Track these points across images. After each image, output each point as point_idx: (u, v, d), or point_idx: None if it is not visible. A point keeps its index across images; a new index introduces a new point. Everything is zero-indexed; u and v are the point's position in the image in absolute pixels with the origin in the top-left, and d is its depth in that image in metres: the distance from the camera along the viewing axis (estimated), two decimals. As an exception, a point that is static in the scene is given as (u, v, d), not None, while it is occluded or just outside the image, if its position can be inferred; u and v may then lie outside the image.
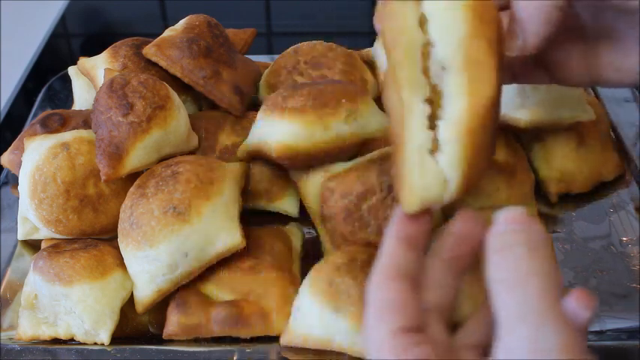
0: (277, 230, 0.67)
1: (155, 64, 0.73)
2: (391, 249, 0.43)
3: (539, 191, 0.71)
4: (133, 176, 0.64)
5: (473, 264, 0.44)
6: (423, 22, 0.45)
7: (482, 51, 0.44)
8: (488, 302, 0.39)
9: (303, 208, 0.68)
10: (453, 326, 0.45)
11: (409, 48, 0.44)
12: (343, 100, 0.62)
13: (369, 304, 0.41)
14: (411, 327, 0.39)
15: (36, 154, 0.64)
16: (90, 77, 0.77)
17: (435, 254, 0.44)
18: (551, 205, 0.72)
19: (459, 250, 0.44)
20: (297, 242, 0.67)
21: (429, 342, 0.39)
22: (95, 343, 0.59)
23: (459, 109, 0.43)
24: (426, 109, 0.44)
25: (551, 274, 0.37)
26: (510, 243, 0.38)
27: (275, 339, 0.58)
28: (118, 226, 0.62)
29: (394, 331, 0.39)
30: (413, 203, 0.44)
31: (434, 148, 0.44)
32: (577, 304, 0.38)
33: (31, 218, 0.65)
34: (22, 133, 0.74)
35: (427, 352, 0.38)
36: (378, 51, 0.77)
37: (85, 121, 0.72)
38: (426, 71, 0.44)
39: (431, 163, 0.44)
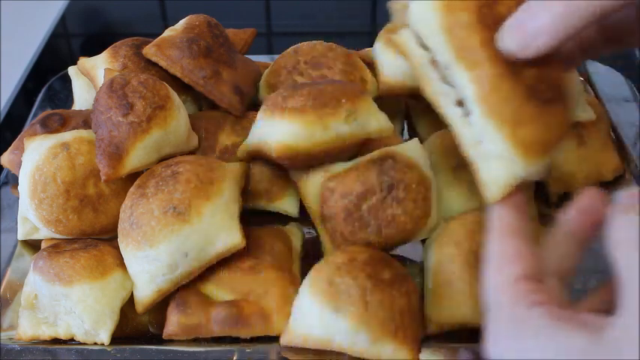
0: (277, 230, 0.67)
1: (155, 64, 0.73)
2: (502, 212, 0.46)
3: (539, 191, 0.71)
4: (133, 176, 0.64)
5: (593, 239, 0.46)
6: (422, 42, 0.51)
7: (460, 37, 0.48)
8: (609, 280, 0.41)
9: (303, 208, 0.68)
10: None
11: (421, 66, 0.52)
12: (343, 100, 0.62)
13: (488, 258, 0.43)
14: (531, 276, 0.41)
15: (36, 154, 0.64)
16: (90, 77, 0.77)
17: (558, 226, 0.45)
18: (551, 205, 0.72)
19: (583, 222, 0.45)
20: (297, 242, 0.67)
21: (549, 292, 0.40)
22: (95, 343, 0.59)
23: (468, 89, 0.48)
24: (459, 111, 0.50)
25: None
26: (631, 208, 0.39)
27: (275, 339, 0.58)
28: (118, 226, 0.62)
29: (514, 278, 0.41)
30: (496, 194, 0.49)
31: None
32: None
33: (31, 218, 0.66)
34: (22, 133, 0.74)
35: (547, 299, 0.39)
36: (378, 51, 0.77)
37: (85, 121, 0.72)
38: (444, 79, 0.50)
39: (483, 150, 0.49)
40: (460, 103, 0.50)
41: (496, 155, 0.48)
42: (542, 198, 0.71)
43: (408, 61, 0.53)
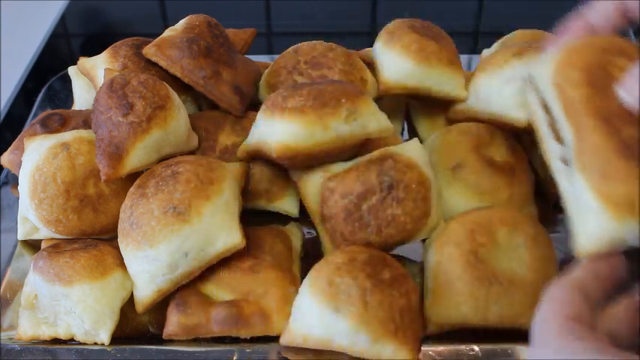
0: (277, 230, 0.67)
1: (155, 64, 0.73)
2: (584, 269, 0.47)
3: (539, 191, 0.71)
4: (133, 176, 0.64)
5: None
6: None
7: (568, 93, 0.52)
8: None
9: (303, 208, 0.68)
10: None
11: (540, 126, 0.56)
12: (343, 100, 0.62)
13: (547, 298, 0.44)
14: (583, 319, 0.42)
15: (36, 154, 0.64)
16: (90, 77, 0.77)
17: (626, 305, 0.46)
18: (551, 205, 0.72)
19: None
20: (297, 242, 0.67)
21: (599, 337, 0.41)
22: (95, 343, 0.59)
23: (570, 144, 0.51)
24: (563, 166, 0.53)
25: None
26: None
27: (275, 339, 0.58)
28: (118, 226, 0.62)
29: (566, 317, 0.41)
30: (585, 248, 0.51)
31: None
32: None
33: (31, 218, 0.65)
34: (22, 133, 0.74)
35: (596, 338, 0.40)
36: (378, 51, 0.77)
37: (85, 121, 0.72)
38: (557, 137, 0.54)
39: (579, 204, 0.51)
40: (565, 160, 0.53)
41: (589, 209, 0.50)
42: (542, 198, 0.71)
43: (532, 119, 0.57)
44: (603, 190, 0.49)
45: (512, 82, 0.68)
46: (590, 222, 0.51)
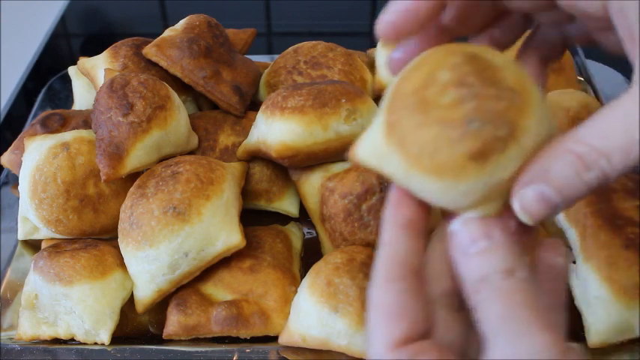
0: (277, 230, 0.67)
1: (155, 64, 0.73)
2: (390, 238, 0.39)
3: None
4: (133, 176, 0.64)
5: None
6: None
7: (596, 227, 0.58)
8: None
9: (303, 208, 0.68)
10: None
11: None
12: (343, 100, 0.62)
13: (370, 307, 0.38)
14: (412, 335, 0.36)
15: (36, 154, 0.64)
16: (90, 77, 0.77)
17: (439, 239, 0.41)
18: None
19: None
20: (297, 242, 0.67)
21: (433, 349, 0.36)
22: (95, 343, 0.59)
23: (575, 243, 0.58)
24: (572, 266, 0.58)
25: (529, 284, 0.35)
26: (484, 273, 0.35)
27: (275, 339, 0.58)
28: (118, 226, 0.62)
29: (394, 343, 0.36)
30: (595, 340, 0.55)
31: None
32: (552, 253, 0.39)
33: (31, 218, 0.66)
34: (22, 133, 0.74)
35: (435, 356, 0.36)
36: (377, 51, 0.78)
37: (85, 121, 0.72)
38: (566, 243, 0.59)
39: (587, 296, 0.55)
40: (574, 262, 0.58)
41: (598, 298, 0.54)
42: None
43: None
44: (613, 279, 0.54)
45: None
46: (599, 310, 0.55)
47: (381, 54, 0.76)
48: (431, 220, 0.40)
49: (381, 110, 0.38)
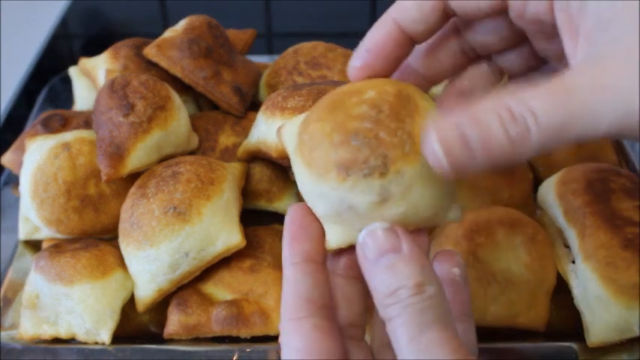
0: (277, 230, 0.67)
1: (156, 65, 0.73)
2: (292, 275, 0.37)
3: (536, 191, 0.71)
4: (134, 176, 0.64)
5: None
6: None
7: (569, 201, 0.60)
8: None
9: (303, 208, 0.68)
10: None
11: (554, 239, 0.62)
12: (343, 101, 0.62)
13: (283, 350, 0.36)
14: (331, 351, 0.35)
15: (37, 155, 0.65)
16: (91, 78, 0.77)
17: (333, 270, 0.40)
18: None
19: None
20: (297, 242, 0.67)
21: None
22: (96, 343, 0.59)
23: (574, 243, 0.59)
24: (572, 266, 0.59)
25: (439, 300, 0.34)
26: (392, 287, 0.34)
27: (275, 339, 0.58)
28: (119, 226, 0.62)
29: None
30: (594, 340, 0.55)
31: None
32: (448, 264, 0.38)
33: (32, 218, 0.66)
34: (23, 133, 0.75)
35: None
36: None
37: (86, 121, 0.72)
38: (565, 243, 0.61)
39: (587, 298, 0.56)
40: (574, 262, 0.59)
41: (597, 298, 0.54)
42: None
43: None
44: (609, 277, 0.54)
45: None
46: (598, 310, 0.55)
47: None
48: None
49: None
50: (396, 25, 0.40)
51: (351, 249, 0.37)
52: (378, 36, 0.40)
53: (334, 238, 0.37)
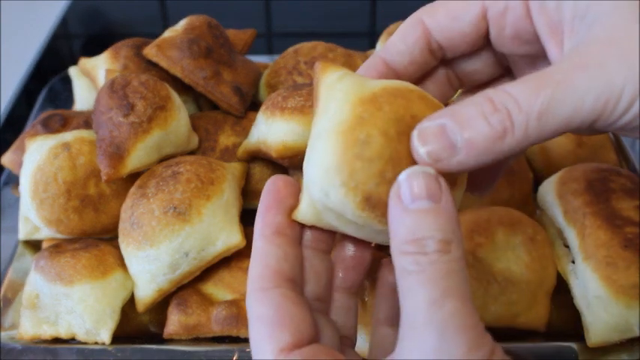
0: (277, 230, 0.67)
1: (156, 65, 0.73)
2: (262, 246, 0.36)
3: (536, 190, 0.72)
4: (134, 176, 0.64)
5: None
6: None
7: (569, 200, 0.61)
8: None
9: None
10: None
11: (555, 240, 0.62)
12: (343, 101, 0.62)
13: (250, 320, 0.35)
14: (299, 341, 0.34)
15: (37, 155, 0.65)
16: (91, 78, 0.77)
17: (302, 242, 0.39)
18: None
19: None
20: (297, 242, 0.67)
21: (322, 351, 0.34)
22: (96, 343, 0.59)
23: (574, 243, 0.58)
24: (572, 266, 0.59)
25: (461, 269, 0.32)
26: (419, 235, 0.32)
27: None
28: (119, 225, 0.62)
29: (281, 351, 0.33)
30: (593, 339, 0.55)
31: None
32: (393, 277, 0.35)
33: (32, 218, 0.66)
34: (23, 133, 0.75)
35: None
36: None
37: (86, 121, 0.72)
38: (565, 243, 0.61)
39: (587, 297, 0.55)
40: (573, 262, 0.59)
41: (597, 297, 0.54)
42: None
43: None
44: (612, 278, 0.54)
45: None
46: (598, 310, 0.55)
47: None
48: None
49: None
50: (381, 59, 0.40)
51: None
52: (365, 70, 0.41)
53: (304, 211, 0.36)
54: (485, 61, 0.41)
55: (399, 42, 0.39)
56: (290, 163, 0.64)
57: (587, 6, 0.33)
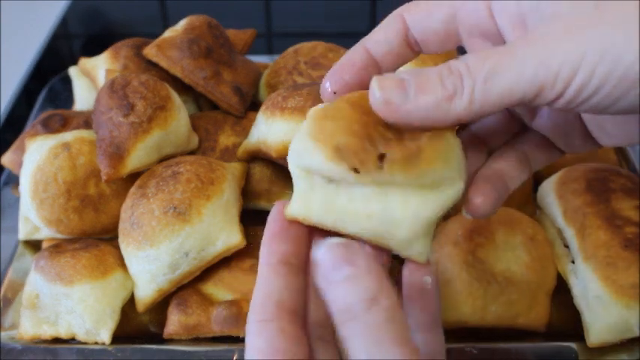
0: (277, 230, 0.67)
1: (156, 65, 0.73)
2: (266, 276, 0.37)
3: (534, 189, 0.71)
4: (134, 176, 0.64)
5: None
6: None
7: (568, 200, 0.61)
8: None
9: (303, 208, 0.68)
10: None
11: (554, 240, 0.62)
12: (343, 101, 0.62)
13: (246, 350, 0.36)
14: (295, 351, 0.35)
15: (37, 155, 0.65)
16: (91, 78, 0.77)
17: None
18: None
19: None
20: (297, 242, 0.67)
21: None
22: (96, 343, 0.59)
23: (573, 242, 0.59)
24: (571, 266, 0.59)
25: (394, 314, 0.33)
26: (349, 304, 0.33)
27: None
28: (119, 225, 0.62)
29: None
30: (593, 339, 0.55)
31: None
32: (420, 272, 0.38)
33: (32, 218, 0.66)
34: (23, 133, 0.75)
35: None
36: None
37: (86, 121, 0.72)
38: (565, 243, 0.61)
39: (587, 297, 0.55)
40: (573, 262, 0.59)
41: (597, 298, 0.54)
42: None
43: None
44: (609, 277, 0.54)
45: None
46: (598, 310, 0.55)
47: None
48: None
49: None
50: (364, 48, 0.42)
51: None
52: (350, 56, 0.43)
53: (292, 205, 0.37)
54: None
55: (381, 33, 0.42)
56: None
57: (546, 6, 0.35)
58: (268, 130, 0.63)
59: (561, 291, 0.59)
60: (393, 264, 0.41)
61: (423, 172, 0.35)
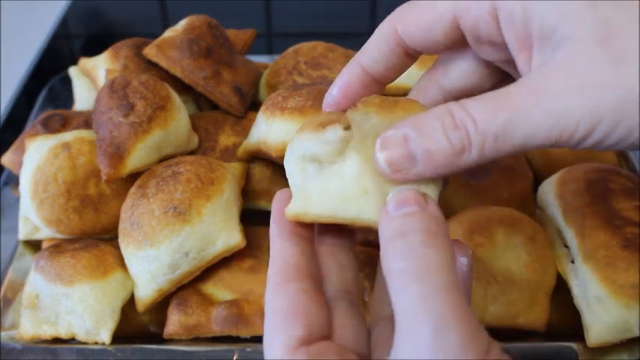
0: (277, 230, 0.67)
1: (156, 65, 0.73)
2: (280, 248, 0.37)
3: (534, 189, 0.72)
4: (134, 176, 0.64)
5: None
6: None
7: (568, 200, 0.61)
8: None
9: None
10: None
11: (554, 239, 0.62)
12: (343, 101, 0.62)
13: (266, 312, 0.35)
14: (311, 336, 0.34)
15: (37, 155, 0.65)
16: (91, 78, 0.77)
17: (323, 242, 0.40)
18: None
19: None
20: (297, 242, 0.67)
21: (332, 349, 0.34)
22: (96, 343, 0.59)
23: (573, 243, 0.59)
24: (571, 266, 0.59)
25: (450, 263, 0.32)
26: (404, 229, 0.32)
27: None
28: (119, 225, 0.62)
29: (291, 345, 0.33)
30: (593, 339, 0.55)
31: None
32: (456, 252, 0.36)
33: (32, 218, 0.66)
34: (23, 133, 0.75)
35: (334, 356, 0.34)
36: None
37: (86, 121, 0.72)
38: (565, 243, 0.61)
39: (587, 298, 0.56)
40: (572, 261, 0.59)
41: (597, 298, 0.54)
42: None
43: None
44: (608, 277, 0.54)
45: None
46: (598, 310, 0.55)
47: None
48: None
49: None
50: (360, 67, 0.41)
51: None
52: (346, 77, 0.41)
53: (292, 204, 0.37)
54: (477, 72, 0.42)
55: (375, 51, 0.40)
56: (290, 163, 0.64)
57: (553, 28, 0.33)
58: (268, 130, 0.63)
59: (561, 291, 0.59)
60: None
61: (398, 117, 0.35)
